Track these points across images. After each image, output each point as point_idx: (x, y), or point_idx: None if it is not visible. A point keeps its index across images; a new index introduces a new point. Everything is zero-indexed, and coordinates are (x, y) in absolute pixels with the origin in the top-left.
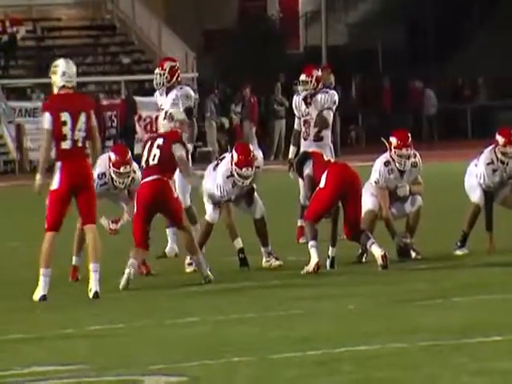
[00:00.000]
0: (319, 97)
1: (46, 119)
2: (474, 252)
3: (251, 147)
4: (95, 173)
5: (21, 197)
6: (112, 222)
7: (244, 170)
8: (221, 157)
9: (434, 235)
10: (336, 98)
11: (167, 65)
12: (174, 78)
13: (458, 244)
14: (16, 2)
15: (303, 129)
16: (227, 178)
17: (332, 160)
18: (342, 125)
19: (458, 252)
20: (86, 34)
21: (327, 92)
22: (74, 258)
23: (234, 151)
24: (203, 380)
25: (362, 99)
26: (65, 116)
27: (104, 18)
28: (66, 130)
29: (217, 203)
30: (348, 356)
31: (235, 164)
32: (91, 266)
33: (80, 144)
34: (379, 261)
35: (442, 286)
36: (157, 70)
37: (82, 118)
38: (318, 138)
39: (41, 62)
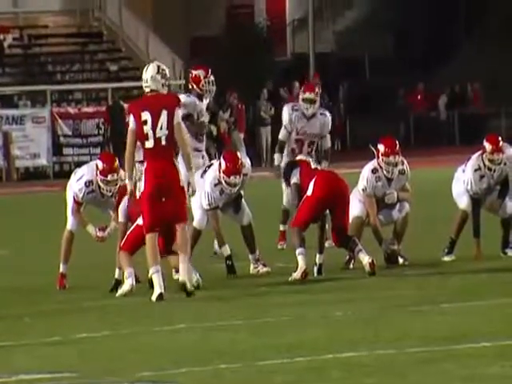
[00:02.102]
0: (321, 119)
1: (131, 121)
2: (461, 258)
3: (239, 155)
4: (82, 180)
5: (8, 205)
6: (99, 229)
7: (232, 177)
8: (208, 164)
9: (422, 241)
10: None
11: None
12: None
13: (446, 250)
14: (3, 10)
15: (294, 145)
16: (215, 185)
17: (319, 168)
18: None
19: (446, 258)
20: (73, 41)
21: (326, 115)
22: (61, 266)
23: (222, 159)
24: None
25: (349, 106)
26: (145, 115)
27: (91, 26)
28: (147, 129)
29: (204, 210)
30: (335, 363)
31: (223, 172)
32: (181, 258)
33: (163, 142)
34: (367, 267)
35: (429, 293)
36: (211, 78)
37: (164, 115)
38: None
39: (28, 70)
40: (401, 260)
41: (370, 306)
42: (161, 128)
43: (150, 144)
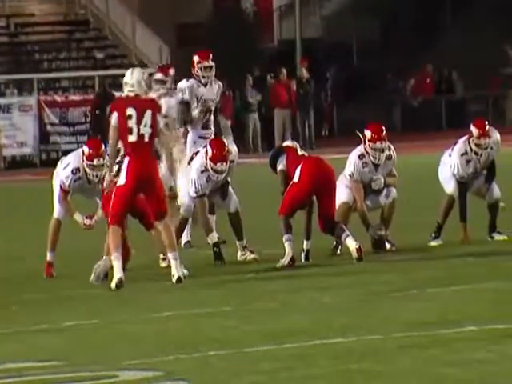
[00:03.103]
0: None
1: (113, 117)
2: (448, 243)
3: (226, 141)
4: (69, 168)
5: None
6: (86, 217)
7: (218, 164)
8: (195, 151)
9: (409, 227)
10: None
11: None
12: None
13: (433, 235)
14: None
15: None
16: (201, 172)
17: (305, 154)
18: (317, 118)
19: (433, 243)
20: (60, 29)
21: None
22: (48, 254)
23: (208, 146)
24: (178, 374)
25: (337, 92)
26: (130, 110)
27: (77, 13)
28: (132, 123)
29: (191, 197)
30: (323, 349)
31: (210, 159)
32: (171, 255)
33: (146, 139)
34: (354, 253)
35: (416, 278)
36: (211, 63)
37: (148, 114)
38: None
39: (14, 58)
40: (388, 245)
41: (358, 292)
42: (145, 125)
43: (133, 138)
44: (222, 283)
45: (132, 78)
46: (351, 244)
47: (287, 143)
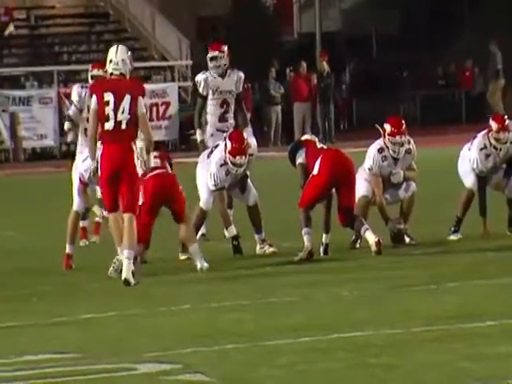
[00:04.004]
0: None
1: (92, 100)
2: (467, 237)
3: (245, 135)
4: (88, 161)
5: (15, 186)
6: (105, 210)
7: (237, 158)
8: (215, 144)
9: (428, 221)
10: None
11: (224, 48)
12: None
13: (452, 229)
14: None
15: None
16: (221, 166)
17: (324, 147)
18: (336, 111)
19: (452, 237)
20: (80, 21)
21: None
22: (67, 246)
23: (227, 139)
24: (196, 367)
25: (356, 85)
26: (108, 96)
27: (97, 6)
28: (109, 109)
29: (211, 191)
30: (342, 342)
31: (229, 152)
32: (125, 253)
33: (123, 126)
34: (373, 247)
35: (435, 272)
36: (216, 53)
37: (127, 99)
38: None
39: (35, 51)
40: (407, 239)
41: (376, 286)
42: (122, 112)
43: (109, 126)
44: (240, 277)
45: (117, 56)
46: (370, 237)
47: (306, 137)
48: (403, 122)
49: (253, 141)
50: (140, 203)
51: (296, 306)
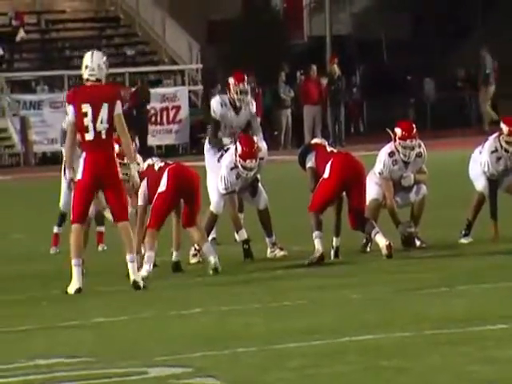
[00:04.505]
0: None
1: (70, 111)
2: (478, 240)
3: (255, 139)
4: None
5: (26, 189)
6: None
7: (248, 161)
8: (225, 148)
9: (439, 224)
10: None
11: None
12: None
13: (463, 232)
14: None
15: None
16: (231, 169)
17: (335, 150)
18: (347, 114)
19: (463, 240)
20: (90, 26)
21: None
22: None
23: (238, 143)
24: (207, 371)
25: (366, 89)
26: (86, 107)
27: (108, 10)
28: (88, 121)
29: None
30: (352, 346)
31: (239, 156)
32: (128, 258)
33: (104, 136)
34: (384, 250)
35: (446, 275)
36: (246, 87)
37: (104, 108)
38: None
39: (45, 55)
40: (418, 243)
41: (387, 289)
42: (101, 122)
43: (90, 136)
44: (250, 280)
45: (93, 62)
46: (381, 241)
47: (316, 140)
48: (414, 125)
49: (263, 144)
50: (160, 190)
51: (306, 309)
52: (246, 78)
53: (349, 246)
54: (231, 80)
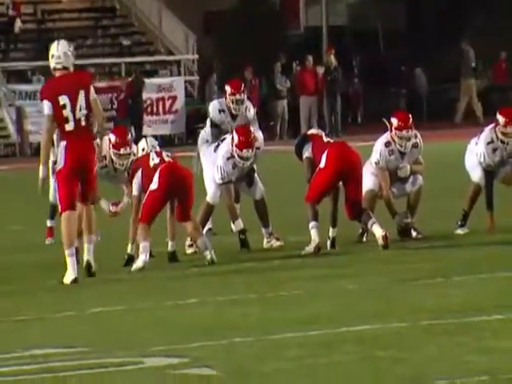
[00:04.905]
0: None
1: (46, 105)
2: (474, 231)
3: (251, 128)
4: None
5: (22, 180)
6: (112, 204)
7: (244, 151)
8: (221, 138)
9: (435, 214)
10: None
11: (242, 85)
12: None
13: (459, 223)
14: None
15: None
16: (227, 159)
17: (331, 140)
18: (343, 105)
19: (459, 231)
20: (86, 16)
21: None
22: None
23: (234, 133)
24: (204, 361)
25: (363, 79)
26: (63, 99)
27: (104, 0)
28: (67, 112)
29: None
30: (349, 336)
31: (235, 146)
32: (86, 238)
33: (83, 123)
34: (380, 241)
35: (442, 265)
36: (242, 96)
37: (81, 96)
38: None
39: (41, 45)
40: (414, 233)
41: (384, 280)
42: (80, 109)
43: (70, 127)
44: (247, 270)
45: (58, 50)
46: (377, 231)
47: (312, 131)
48: (410, 116)
49: (259, 134)
50: (152, 188)
51: (303, 299)
52: (242, 86)
53: (345, 237)
54: (227, 88)
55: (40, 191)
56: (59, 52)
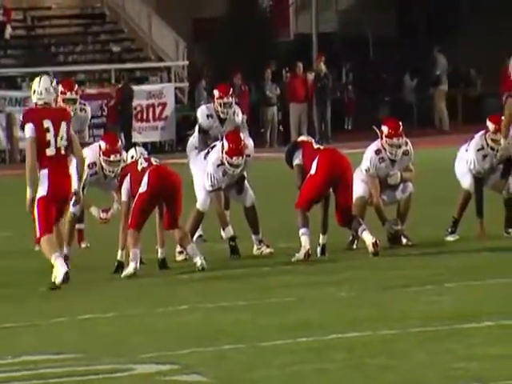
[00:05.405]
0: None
1: (29, 128)
2: (464, 238)
3: (242, 136)
4: (85, 163)
5: (12, 186)
6: (102, 211)
7: (234, 158)
8: (211, 145)
9: (425, 221)
10: None
11: (231, 89)
12: None
13: (449, 230)
14: None
15: None
16: (218, 166)
17: (321, 147)
18: (333, 112)
19: (449, 238)
20: (76, 22)
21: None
22: (64, 249)
23: (224, 140)
24: (194, 368)
25: (353, 86)
26: (47, 123)
27: (94, 7)
28: (50, 136)
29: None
30: (339, 343)
31: (226, 153)
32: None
33: (63, 152)
34: (370, 248)
35: (432, 272)
36: (230, 99)
37: (63, 126)
38: None
39: (31, 51)
40: (404, 240)
41: (374, 287)
42: (61, 138)
43: (51, 152)
44: (237, 277)
45: (40, 86)
46: (367, 238)
47: (302, 138)
48: (400, 124)
49: (249, 141)
50: (140, 191)
51: (293, 306)
52: (230, 90)
53: (335, 244)
54: (215, 92)
55: (28, 210)
56: (41, 88)
